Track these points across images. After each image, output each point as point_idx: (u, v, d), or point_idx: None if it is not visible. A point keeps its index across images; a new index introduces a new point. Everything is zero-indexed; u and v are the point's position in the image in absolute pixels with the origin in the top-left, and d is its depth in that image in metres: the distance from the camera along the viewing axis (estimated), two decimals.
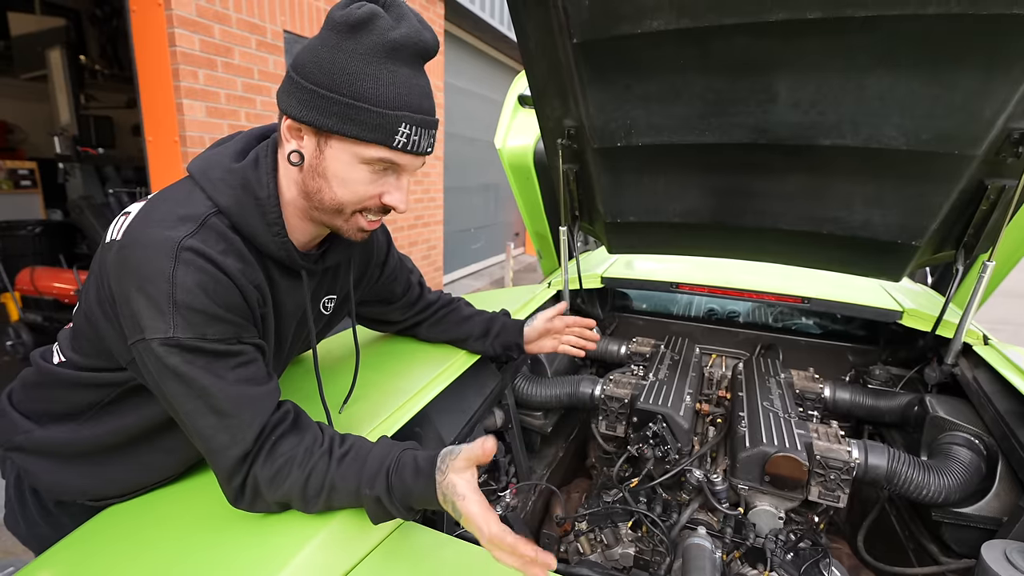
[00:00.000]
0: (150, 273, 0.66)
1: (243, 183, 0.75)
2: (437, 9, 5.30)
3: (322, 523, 0.74)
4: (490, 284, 7.17)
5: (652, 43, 1.11)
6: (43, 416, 0.86)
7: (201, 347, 0.68)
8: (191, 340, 0.67)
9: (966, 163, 1.13)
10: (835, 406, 1.53)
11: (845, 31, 0.99)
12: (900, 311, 1.60)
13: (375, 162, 0.73)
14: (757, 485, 1.20)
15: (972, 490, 1.11)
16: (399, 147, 0.72)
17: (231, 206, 0.74)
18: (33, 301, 3.58)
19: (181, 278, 0.66)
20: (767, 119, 1.19)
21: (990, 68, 0.97)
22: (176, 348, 0.67)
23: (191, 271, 0.67)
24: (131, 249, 0.69)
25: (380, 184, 0.76)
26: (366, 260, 1.08)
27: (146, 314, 0.67)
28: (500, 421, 1.42)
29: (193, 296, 0.67)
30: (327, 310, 1.00)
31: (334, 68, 0.68)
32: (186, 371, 0.68)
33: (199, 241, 0.69)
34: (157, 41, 2.72)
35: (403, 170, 0.77)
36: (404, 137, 0.72)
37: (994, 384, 1.27)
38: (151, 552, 0.72)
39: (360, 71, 0.68)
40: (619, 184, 1.54)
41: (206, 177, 0.75)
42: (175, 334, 0.66)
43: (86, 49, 5.42)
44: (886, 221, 1.33)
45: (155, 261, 0.67)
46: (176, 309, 0.66)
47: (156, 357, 0.67)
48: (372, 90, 0.69)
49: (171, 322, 0.66)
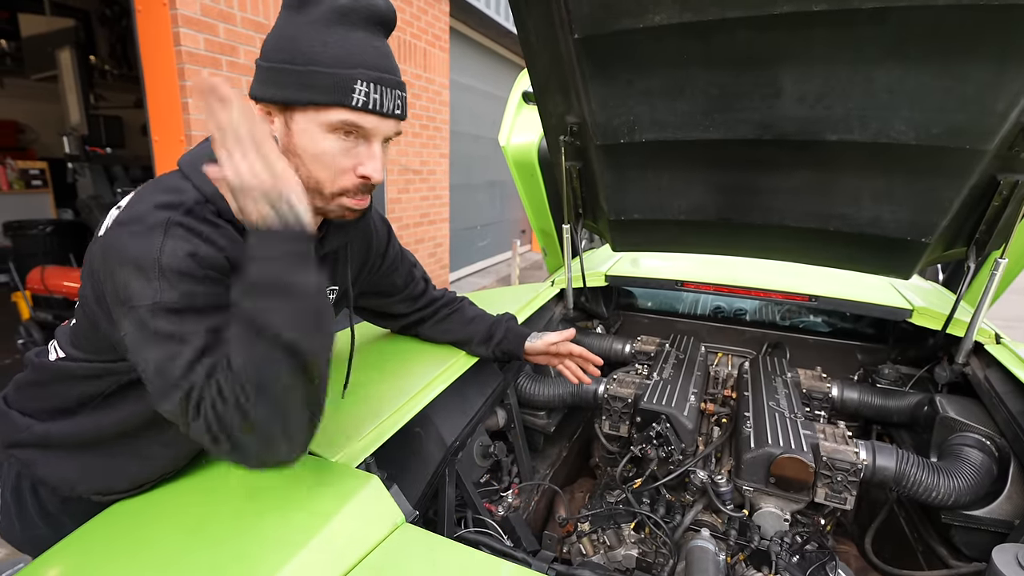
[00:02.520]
0: (138, 247, 0.66)
1: None
2: (442, 6, 5.28)
3: (319, 525, 0.73)
4: (496, 281, 7.16)
5: (654, 38, 1.09)
6: (42, 412, 0.86)
7: (190, 306, 0.65)
8: (178, 302, 0.64)
9: (978, 158, 1.10)
10: (843, 406, 1.51)
11: (852, 23, 0.96)
12: (910, 309, 1.57)
13: (339, 127, 0.72)
14: (762, 486, 1.18)
15: (983, 492, 1.09)
16: (359, 106, 0.71)
17: (215, 194, 0.73)
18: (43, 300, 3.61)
19: (170, 247, 0.65)
20: (772, 114, 1.17)
21: (1003, 60, 0.95)
22: (163, 312, 0.64)
23: (180, 242, 0.66)
24: (119, 229, 0.69)
25: (352, 155, 0.75)
26: (366, 249, 1.06)
27: (133, 284, 0.65)
28: (502, 421, 1.41)
29: (180, 261, 0.65)
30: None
31: (286, 41, 0.70)
32: (166, 327, 0.64)
33: (187, 219, 0.69)
34: (162, 41, 2.73)
35: (372, 135, 0.75)
36: (363, 95, 0.71)
37: (1006, 384, 1.25)
38: (150, 553, 0.72)
39: (310, 37, 0.69)
40: (623, 181, 1.52)
41: (193, 168, 0.75)
42: (160, 297, 0.63)
43: (96, 49, 5.47)
44: (895, 217, 1.31)
45: (144, 237, 0.66)
46: (162, 273, 0.64)
47: (141, 323, 0.64)
48: (322, 52, 0.69)
49: (157, 287, 0.63)
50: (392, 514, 0.79)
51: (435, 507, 1.05)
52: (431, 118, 5.35)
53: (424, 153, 5.30)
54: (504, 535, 1.08)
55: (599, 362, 1.25)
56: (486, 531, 1.05)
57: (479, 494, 1.20)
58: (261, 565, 0.67)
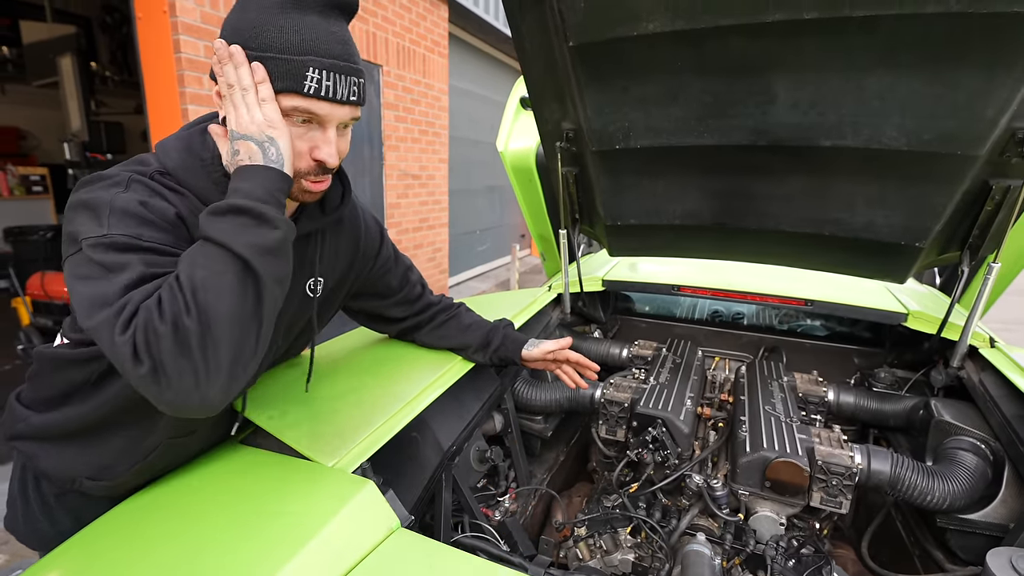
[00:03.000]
0: (95, 195, 0.68)
1: (188, 146, 0.78)
2: (441, 12, 5.32)
3: (314, 530, 0.74)
4: (496, 286, 7.17)
5: (648, 45, 1.11)
6: (41, 403, 0.90)
7: (136, 245, 0.66)
8: (125, 238, 0.65)
9: (969, 164, 1.11)
10: (839, 410, 1.51)
11: (843, 31, 0.97)
12: (905, 313, 1.58)
13: (292, 113, 0.73)
14: (758, 491, 1.18)
15: (978, 496, 1.09)
16: (311, 93, 0.71)
17: (177, 167, 0.76)
18: (43, 305, 3.62)
19: (124, 195, 0.68)
20: (766, 120, 1.18)
21: (992, 67, 0.96)
22: (109, 246, 0.64)
23: (135, 193, 0.69)
24: (82, 186, 0.71)
25: (308, 139, 0.76)
26: (353, 248, 1.05)
27: (84, 224, 0.66)
28: (499, 425, 1.42)
29: (132, 204, 0.67)
30: (314, 292, 0.97)
31: (242, 26, 0.71)
32: (113, 262, 0.64)
33: (149, 180, 0.73)
34: (163, 48, 2.75)
35: (326, 121, 0.76)
36: (315, 83, 0.71)
37: (1000, 388, 1.25)
38: (147, 557, 0.72)
39: (265, 22, 0.70)
40: (619, 187, 1.53)
41: (161, 146, 0.79)
42: (109, 231, 0.65)
43: (97, 56, 5.50)
44: (889, 222, 1.32)
45: (103, 189, 0.69)
46: (112, 212, 0.66)
47: (85, 258, 0.65)
48: (275, 38, 0.70)
49: (106, 223, 0.65)
50: (387, 519, 0.80)
51: (432, 512, 1.05)
52: (430, 123, 5.37)
53: (423, 158, 5.32)
54: (501, 540, 1.08)
55: (596, 368, 1.27)
56: (482, 536, 1.06)
57: (476, 499, 1.20)
58: (256, 570, 0.67)
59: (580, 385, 1.27)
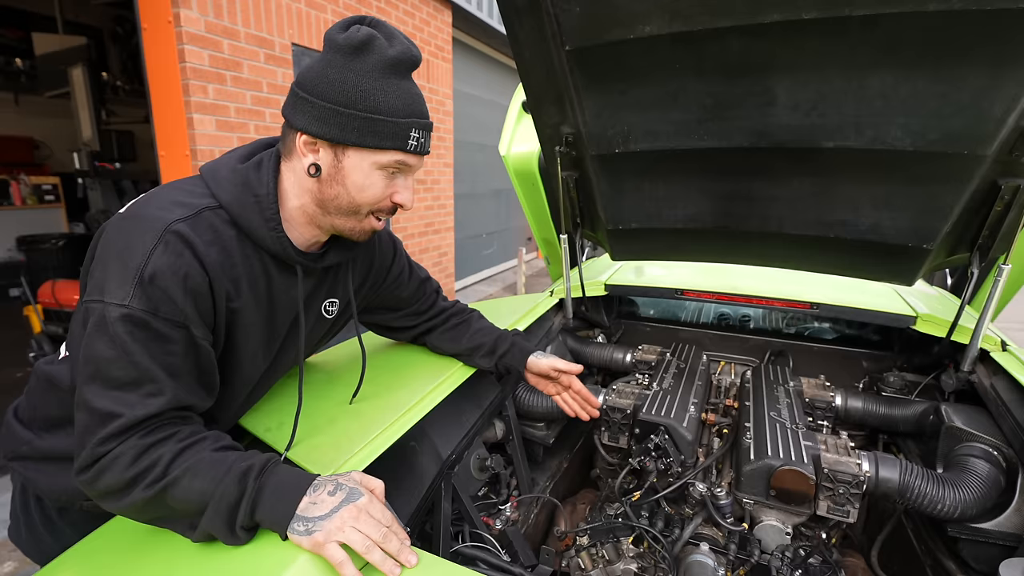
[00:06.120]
0: (132, 244, 0.72)
1: (244, 181, 0.82)
2: (445, 17, 5.34)
3: None
4: (503, 289, 7.16)
5: (645, 48, 1.09)
6: (41, 424, 0.90)
7: (148, 322, 0.70)
8: (142, 313, 0.70)
9: (977, 163, 1.09)
10: (847, 415, 1.48)
11: (843, 30, 0.96)
12: (914, 316, 1.55)
13: (391, 166, 0.82)
14: (762, 499, 1.16)
15: (990, 505, 1.06)
16: (412, 150, 0.82)
17: (231, 202, 0.80)
18: (54, 313, 3.67)
19: (157, 257, 0.71)
20: (767, 122, 1.16)
21: (998, 65, 0.93)
22: (127, 319, 0.69)
23: (168, 254, 0.71)
24: (124, 220, 0.75)
25: (391, 185, 0.85)
26: (368, 265, 1.10)
27: (113, 280, 0.70)
28: (501, 433, 1.40)
29: (160, 275, 0.70)
30: (329, 314, 1.03)
31: (347, 87, 0.76)
32: (125, 340, 0.69)
33: (188, 227, 0.74)
34: (168, 57, 2.78)
35: (411, 170, 0.87)
36: (415, 141, 0.82)
37: (1013, 392, 1.22)
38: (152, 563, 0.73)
39: (371, 87, 0.77)
40: (619, 190, 1.51)
41: (212, 175, 0.82)
42: (130, 303, 0.69)
43: (107, 66, 5.58)
44: (896, 224, 1.29)
45: (141, 235, 0.72)
46: (140, 282, 0.70)
47: (103, 319, 0.69)
48: (384, 103, 0.78)
49: (130, 292, 0.69)
50: None
51: (431, 521, 1.04)
52: (435, 128, 5.38)
53: (428, 163, 5.34)
54: (501, 550, 1.07)
55: (597, 404, 1.32)
56: (483, 546, 1.04)
57: (477, 508, 1.19)
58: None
59: (580, 416, 1.30)
